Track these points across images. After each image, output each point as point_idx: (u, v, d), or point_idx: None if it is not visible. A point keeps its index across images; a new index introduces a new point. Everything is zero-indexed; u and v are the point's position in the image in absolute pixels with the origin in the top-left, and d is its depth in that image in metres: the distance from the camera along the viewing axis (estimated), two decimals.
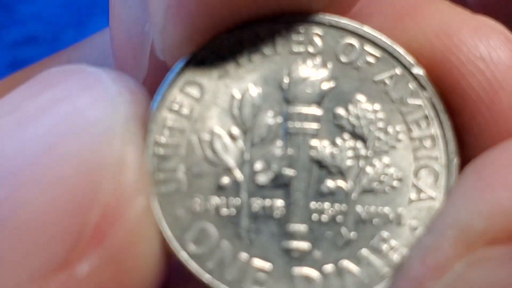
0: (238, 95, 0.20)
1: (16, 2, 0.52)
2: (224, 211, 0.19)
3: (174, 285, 0.21)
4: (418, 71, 0.20)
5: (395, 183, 0.20)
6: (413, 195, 0.20)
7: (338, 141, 0.20)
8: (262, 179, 0.20)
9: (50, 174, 0.17)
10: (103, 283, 0.17)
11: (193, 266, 0.19)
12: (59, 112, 0.18)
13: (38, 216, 0.17)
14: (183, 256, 0.19)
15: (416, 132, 0.20)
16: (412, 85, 0.20)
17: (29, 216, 0.17)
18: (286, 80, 0.20)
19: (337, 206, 0.20)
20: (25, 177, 0.17)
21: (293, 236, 0.19)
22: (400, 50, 0.20)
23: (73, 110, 0.18)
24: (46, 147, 0.17)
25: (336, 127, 0.20)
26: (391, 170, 0.20)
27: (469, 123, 0.20)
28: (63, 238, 0.17)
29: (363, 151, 0.20)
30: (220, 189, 0.19)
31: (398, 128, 0.20)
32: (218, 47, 0.20)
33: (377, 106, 0.20)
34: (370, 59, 0.20)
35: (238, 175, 0.19)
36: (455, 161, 0.20)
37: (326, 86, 0.20)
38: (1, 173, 0.17)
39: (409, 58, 0.20)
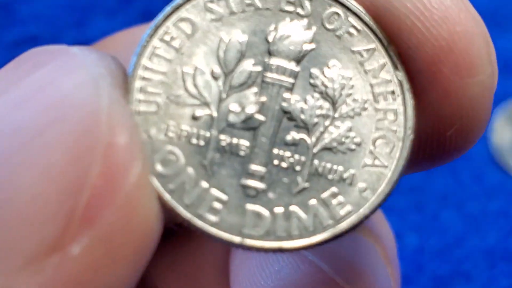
0: (226, 39, 0.21)
1: (16, 2, 0.52)
2: (194, 140, 0.20)
3: None
4: (392, 49, 0.22)
5: (353, 146, 0.21)
6: (367, 161, 0.21)
7: (309, 98, 0.21)
8: (234, 118, 0.21)
9: (40, 159, 0.17)
10: (97, 262, 0.18)
11: (155, 184, 0.20)
12: (46, 97, 0.18)
13: (30, 201, 0.17)
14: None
15: (381, 105, 0.22)
16: (385, 61, 0.22)
17: (21, 201, 0.17)
18: (272, 34, 0.21)
19: (297, 156, 0.21)
20: (17, 162, 0.17)
21: (252, 175, 0.21)
22: (379, 29, 0.22)
23: (59, 95, 0.18)
24: (37, 130, 0.18)
25: (310, 85, 0.21)
26: (352, 134, 0.21)
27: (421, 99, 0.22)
28: (55, 221, 0.17)
29: (330, 112, 0.21)
30: (193, 120, 0.21)
31: (365, 97, 0.22)
32: None
33: (350, 74, 0.22)
34: (352, 30, 0.22)
35: (213, 111, 0.21)
36: (411, 136, 0.21)
37: (307, 46, 0.22)
38: None
39: (386, 37, 0.22)
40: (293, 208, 0.21)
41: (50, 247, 0.17)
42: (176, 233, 0.32)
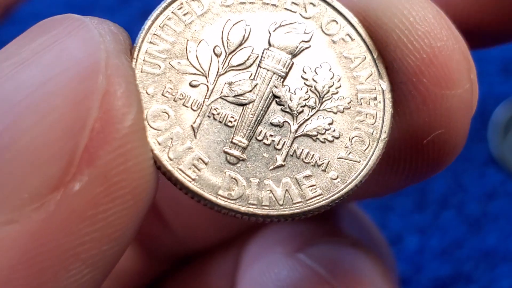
0: (232, 23, 0.23)
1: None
2: (187, 104, 0.23)
3: None
4: (380, 61, 0.24)
5: (331, 138, 0.23)
6: (342, 154, 0.23)
7: (298, 89, 0.23)
8: (228, 92, 0.23)
9: (44, 105, 0.19)
10: (96, 198, 0.19)
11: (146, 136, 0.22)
12: (50, 54, 0.20)
13: (34, 142, 0.19)
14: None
15: (363, 108, 0.24)
16: (372, 70, 0.24)
17: (27, 142, 0.19)
18: (274, 26, 0.24)
19: (279, 137, 0.23)
20: (22, 109, 0.19)
21: (235, 145, 0.23)
22: (371, 41, 0.24)
23: (62, 51, 0.20)
24: (40, 82, 0.19)
25: (301, 78, 0.24)
26: (332, 128, 0.23)
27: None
28: (57, 161, 0.19)
29: (315, 105, 0.23)
30: (190, 87, 0.23)
31: (350, 98, 0.24)
32: None
33: (339, 76, 0.24)
34: (347, 38, 0.24)
35: (210, 82, 0.23)
36: (385, 139, 0.24)
37: (304, 44, 0.24)
38: (0, 107, 0.19)
39: (376, 49, 0.24)
40: (268, 181, 0.23)
41: (52, 184, 0.19)
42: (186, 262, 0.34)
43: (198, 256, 0.34)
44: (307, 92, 0.23)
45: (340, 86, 0.24)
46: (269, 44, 0.23)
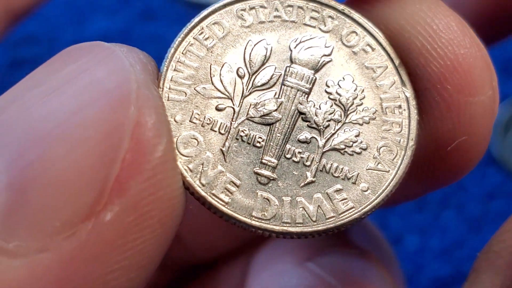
0: (253, 44, 0.24)
1: None
2: (215, 128, 0.23)
3: None
4: (402, 68, 0.24)
5: (359, 150, 0.23)
6: (371, 165, 0.23)
7: (324, 104, 0.24)
8: (254, 113, 0.23)
9: (75, 135, 0.19)
10: (126, 228, 0.19)
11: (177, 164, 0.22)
12: (80, 83, 0.20)
13: (66, 172, 0.19)
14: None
15: (388, 117, 0.24)
16: (395, 78, 0.24)
17: (59, 172, 0.19)
18: (295, 43, 0.24)
19: (307, 153, 0.23)
20: (53, 138, 0.19)
21: (265, 165, 0.23)
22: (392, 49, 0.24)
23: (92, 81, 0.20)
24: (71, 112, 0.19)
25: (325, 92, 0.24)
26: (359, 139, 0.23)
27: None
28: (88, 191, 0.19)
29: (341, 118, 0.24)
30: (217, 111, 0.23)
31: (374, 109, 0.24)
32: (250, 1, 0.24)
33: (362, 87, 0.24)
34: (367, 48, 0.24)
35: (236, 105, 0.23)
36: (413, 147, 0.24)
37: (326, 58, 0.24)
38: (32, 137, 0.19)
39: (397, 57, 0.24)
40: (300, 198, 0.23)
41: (84, 213, 0.19)
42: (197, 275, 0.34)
43: (206, 265, 0.34)
44: (331, 106, 0.23)
45: (364, 97, 0.24)
46: (291, 61, 0.24)
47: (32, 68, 0.21)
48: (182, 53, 0.23)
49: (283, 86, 0.23)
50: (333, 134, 0.23)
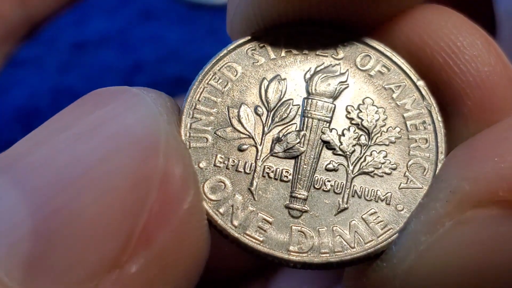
0: (267, 81, 0.24)
1: None
2: (241, 170, 0.23)
3: None
4: (421, 84, 0.24)
5: (388, 170, 0.23)
6: (403, 183, 0.23)
7: (346, 130, 0.23)
8: (277, 148, 0.23)
9: (103, 183, 0.19)
10: (151, 280, 0.19)
11: (207, 209, 0.22)
12: (109, 130, 0.20)
13: (93, 221, 0.19)
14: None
15: (413, 134, 0.23)
16: (415, 95, 0.24)
17: (85, 221, 0.19)
18: (309, 75, 0.24)
19: (337, 180, 0.23)
20: (81, 186, 0.19)
21: (295, 198, 0.23)
22: (408, 66, 0.24)
23: (121, 128, 0.20)
24: (99, 159, 0.19)
25: (346, 119, 0.23)
26: (387, 160, 0.23)
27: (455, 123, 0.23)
28: (114, 241, 0.19)
29: (366, 141, 0.23)
30: (240, 151, 0.23)
31: (399, 127, 0.23)
32: (259, 40, 0.24)
33: (383, 108, 0.24)
34: (383, 69, 0.24)
35: (258, 143, 0.23)
36: (443, 160, 0.23)
37: (342, 86, 0.24)
38: (59, 183, 0.19)
39: (415, 73, 0.24)
40: (335, 227, 0.23)
41: (109, 264, 0.19)
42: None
43: (221, 285, 0.34)
44: (355, 131, 0.23)
45: (386, 117, 0.24)
46: (308, 93, 0.23)
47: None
48: (198, 100, 0.23)
49: (303, 118, 0.23)
50: (360, 158, 0.23)
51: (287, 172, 0.23)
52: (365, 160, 0.23)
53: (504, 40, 0.34)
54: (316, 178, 0.23)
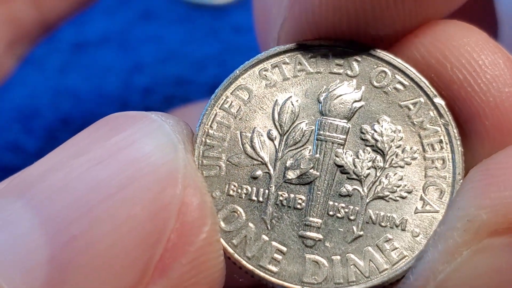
0: (280, 103, 0.23)
1: None
2: (254, 198, 0.22)
3: None
4: (439, 101, 0.23)
5: (404, 194, 0.22)
6: (419, 206, 0.22)
7: (361, 152, 0.22)
8: (291, 175, 0.22)
9: (122, 212, 0.19)
10: None
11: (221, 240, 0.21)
12: (127, 156, 0.19)
13: (110, 249, 0.19)
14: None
15: (430, 153, 0.22)
16: (432, 113, 0.23)
17: (103, 249, 0.18)
18: (323, 95, 0.23)
19: (351, 206, 0.22)
20: (99, 213, 0.19)
21: (309, 226, 0.22)
22: (426, 81, 0.22)
23: (140, 155, 0.19)
24: (117, 187, 0.19)
25: (361, 140, 0.22)
26: (403, 183, 0.22)
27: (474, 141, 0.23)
28: (131, 270, 0.19)
29: (381, 163, 0.22)
30: (253, 179, 0.22)
31: (414, 148, 0.22)
32: (272, 61, 0.23)
33: (399, 127, 0.22)
34: (399, 86, 0.23)
35: (271, 169, 0.22)
36: (461, 181, 0.22)
37: (357, 104, 0.23)
38: (77, 210, 0.19)
39: (432, 89, 0.22)
40: (350, 255, 0.22)
41: None
42: None
43: None
44: (369, 153, 0.22)
45: (402, 138, 0.23)
46: (322, 114, 0.23)
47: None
48: (210, 126, 0.22)
49: (317, 141, 0.22)
50: (375, 182, 0.22)
51: (301, 199, 0.22)
52: (380, 183, 0.22)
53: (505, 40, 0.33)
54: (330, 204, 0.22)
